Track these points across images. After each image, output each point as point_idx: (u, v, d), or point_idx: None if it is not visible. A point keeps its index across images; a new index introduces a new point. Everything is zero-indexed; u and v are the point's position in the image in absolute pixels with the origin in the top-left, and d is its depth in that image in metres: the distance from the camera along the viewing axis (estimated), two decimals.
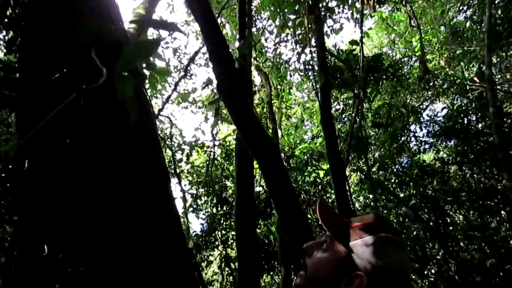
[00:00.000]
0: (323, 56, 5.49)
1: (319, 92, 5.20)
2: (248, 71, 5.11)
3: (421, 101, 11.45)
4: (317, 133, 10.55)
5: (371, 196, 8.71)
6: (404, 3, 9.44)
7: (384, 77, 7.89)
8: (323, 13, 7.24)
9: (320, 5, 6.53)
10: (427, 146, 9.18)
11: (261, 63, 11.09)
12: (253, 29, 9.28)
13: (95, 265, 1.02)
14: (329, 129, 4.89)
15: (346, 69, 7.29)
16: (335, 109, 9.36)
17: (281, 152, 9.67)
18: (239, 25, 3.18)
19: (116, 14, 1.57)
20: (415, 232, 7.57)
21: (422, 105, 11.14)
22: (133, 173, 1.24)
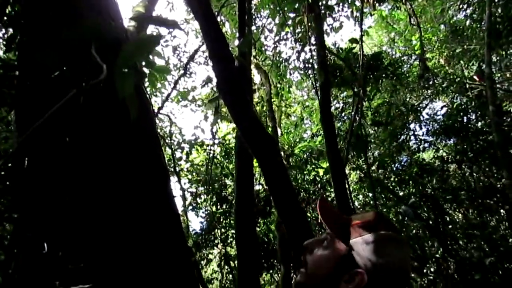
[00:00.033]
0: (322, 54, 5.48)
1: (319, 90, 5.19)
2: (247, 69, 5.11)
3: (420, 99, 11.44)
4: (316, 131, 10.54)
5: (370, 194, 8.72)
6: (404, 2, 9.43)
7: (383, 75, 7.88)
8: (323, 11, 7.22)
9: (320, 3, 6.52)
10: (426, 144, 9.19)
11: (261, 62, 11.08)
12: (253, 28, 9.27)
13: (94, 263, 1.02)
14: (328, 127, 4.89)
15: (345, 68, 7.28)
16: (334, 107, 9.36)
17: (280, 150, 9.66)
18: (238, 23, 3.17)
19: (115, 11, 1.57)
20: (414, 230, 7.58)
21: (421, 104, 11.14)
22: (133, 171, 1.24)
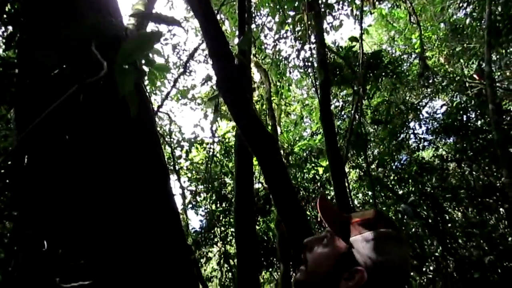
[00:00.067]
0: (322, 52, 5.47)
1: (319, 88, 5.19)
2: (247, 67, 5.10)
3: (420, 98, 11.45)
4: (316, 130, 10.55)
5: (370, 193, 8.72)
6: (404, 0, 9.42)
7: (383, 74, 7.89)
8: (322, 10, 7.22)
9: (319, 2, 6.51)
10: (426, 143, 9.20)
11: (261, 60, 11.06)
12: (253, 26, 9.25)
13: (94, 261, 1.02)
14: (328, 125, 4.88)
15: (345, 66, 7.28)
16: (334, 106, 9.36)
17: (280, 149, 9.67)
18: (238, 21, 3.16)
19: (114, 9, 1.56)
20: (413, 229, 7.59)
21: (421, 102, 11.15)
22: (132, 169, 1.24)
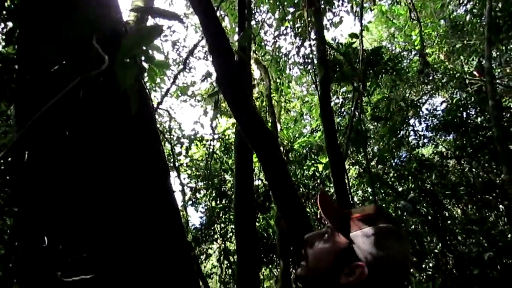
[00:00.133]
0: (322, 49, 5.45)
1: (319, 85, 5.18)
2: (247, 64, 5.09)
3: (420, 95, 11.45)
4: (316, 126, 10.55)
5: (370, 190, 8.73)
6: None
7: (383, 70, 7.87)
8: (322, 6, 7.20)
9: None
10: (426, 140, 9.20)
11: (260, 57, 11.05)
12: (253, 22, 9.24)
13: (94, 257, 1.02)
14: (328, 122, 4.87)
15: (345, 63, 7.27)
16: (334, 103, 9.35)
17: (280, 146, 9.66)
18: (238, 18, 3.15)
19: (114, 3, 1.56)
20: (413, 225, 7.60)
21: (421, 99, 11.15)
22: (132, 165, 1.24)
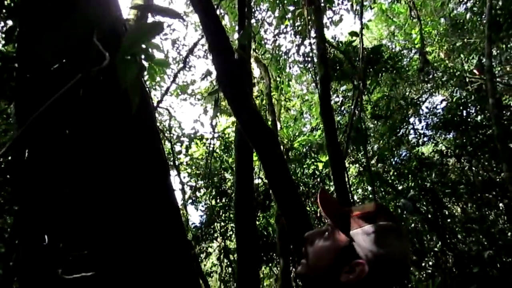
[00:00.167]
0: (322, 47, 5.45)
1: (319, 83, 5.17)
2: (247, 62, 5.09)
3: (420, 93, 11.44)
4: (316, 125, 10.55)
5: (370, 188, 8.73)
6: None
7: (383, 69, 7.86)
8: (322, 4, 7.19)
9: None
10: (426, 138, 9.20)
11: (260, 55, 11.04)
12: (252, 21, 9.22)
13: (94, 255, 1.02)
14: (328, 120, 4.87)
15: (345, 61, 7.26)
16: (334, 101, 9.34)
17: (280, 144, 9.65)
18: (238, 16, 3.15)
19: (114, 2, 1.55)
20: (413, 224, 7.61)
21: (421, 98, 11.15)
22: (133, 164, 1.24)
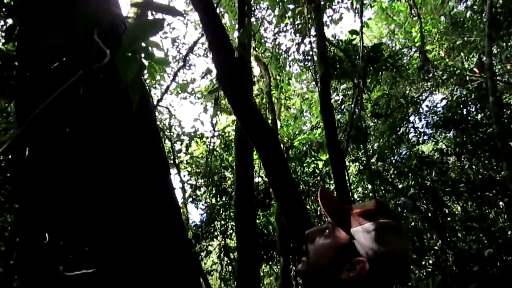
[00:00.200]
0: (322, 46, 5.44)
1: (319, 82, 5.17)
2: (247, 61, 5.08)
3: (420, 92, 11.43)
4: (316, 123, 10.55)
5: (370, 186, 8.73)
6: None
7: (383, 67, 7.86)
8: (322, 3, 7.19)
9: None
10: (426, 137, 9.21)
11: (260, 54, 11.03)
12: (252, 19, 9.21)
13: (95, 254, 1.02)
14: (328, 119, 4.87)
15: (345, 59, 7.26)
16: (334, 99, 9.34)
17: (280, 143, 9.65)
18: (238, 14, 3.14)
19: (114, 0, 1.55)
20: (413, 222, 7.61)
21: (421, 96, 11.14)
22: (133, 163, 1.24)
